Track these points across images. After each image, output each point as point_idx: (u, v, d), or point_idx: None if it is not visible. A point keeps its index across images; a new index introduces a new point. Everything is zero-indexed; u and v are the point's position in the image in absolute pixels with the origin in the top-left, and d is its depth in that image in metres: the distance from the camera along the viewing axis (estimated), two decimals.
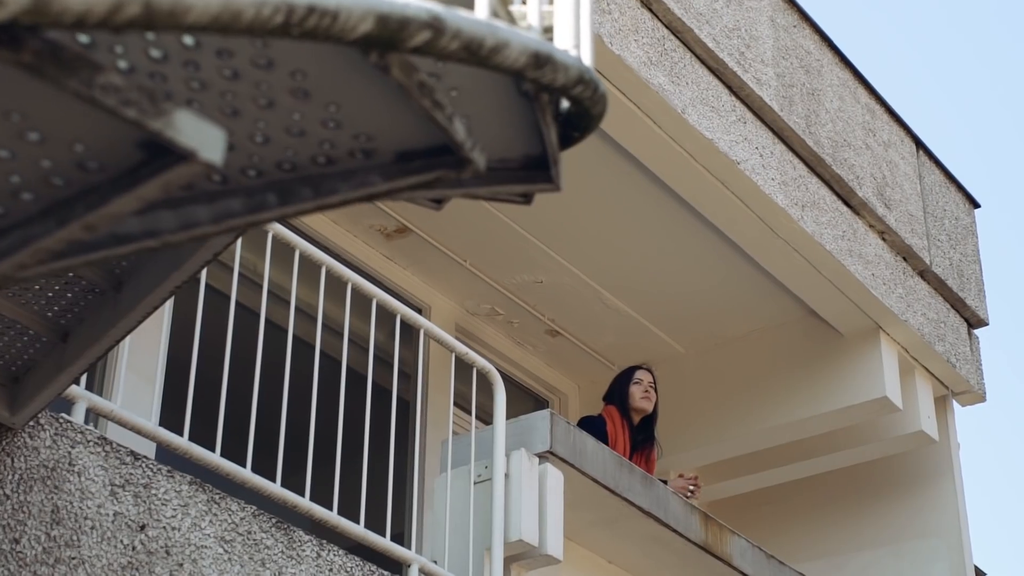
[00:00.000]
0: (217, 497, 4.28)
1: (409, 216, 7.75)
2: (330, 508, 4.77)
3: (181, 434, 4.37)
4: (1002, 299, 29.94)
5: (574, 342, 8.76)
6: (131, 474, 4.05)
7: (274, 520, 4.42)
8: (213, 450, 4.42)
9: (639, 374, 7.45)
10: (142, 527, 4.04)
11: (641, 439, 7.25)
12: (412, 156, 1.79)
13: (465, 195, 1.90)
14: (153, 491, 4.10)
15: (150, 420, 4.33)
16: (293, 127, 1.76)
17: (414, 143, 1.78)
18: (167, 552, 4.08)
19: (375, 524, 5.05)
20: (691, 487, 7.03)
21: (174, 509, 4.14)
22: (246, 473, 4.44)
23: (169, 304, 6.43)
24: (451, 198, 2.25)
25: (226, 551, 4.24)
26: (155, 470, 4.12)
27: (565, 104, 1.92)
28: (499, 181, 1.86)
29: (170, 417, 4.73)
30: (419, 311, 7.77)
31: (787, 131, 7.58)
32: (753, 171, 7.21)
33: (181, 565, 4.11)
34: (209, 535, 4.21)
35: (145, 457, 4.12)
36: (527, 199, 2.04)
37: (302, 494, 4.63)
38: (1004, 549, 27.72)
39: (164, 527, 4.10)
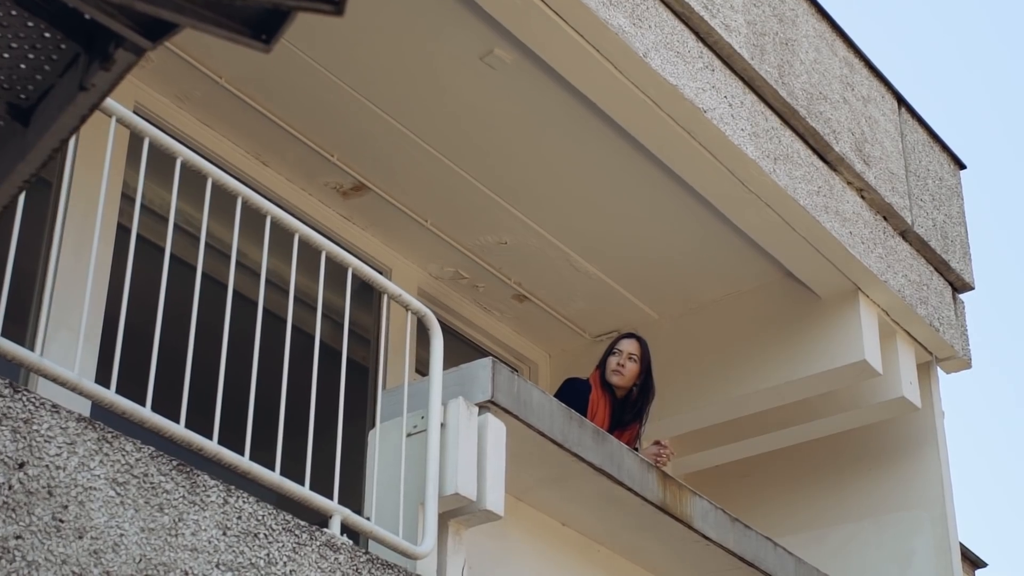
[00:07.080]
0: (109, 436, 3.95)
1: (367, 173, 7.43)
2: (258, 459, 4.45)
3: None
4: (992, 265, 29.44)
5: (543, 307, 8.42)
6: (9, 407, 3.72)
7: (175, 463, 4.09)
8: (108, 387, 4.10)
9: (621, 344, 6.84)
10: (21, 465, 3.71)
11: (629, 419, 6.74)
12: None
13: None
14: (35, 427, 3.77)
15: (35, 353, 3.99)
16: None
17: None
18: (49, 493, 3.76)
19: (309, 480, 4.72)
20: (663, 454, 6.53)
21: (59, 447, 3.81)
22: (145, 412, 4.11)
23: (107, 262, 6.13)
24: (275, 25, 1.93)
25: (118, 494, 3.91)
26: (37, 404, 3.79)
27: None
28: None
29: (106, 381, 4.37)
30: (380, 273, 7.45)
31: (758, 81, 7.23)
32: (721, 120, 6.87)
33: (66, 507, 3.78)
34: (99, 476, 3.88)
35: (26, 390, 3.79)
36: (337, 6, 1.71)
37: (241, 454, 4.32)
38: (988, 521, 27.28)
39: (47, 466, 3.77)
